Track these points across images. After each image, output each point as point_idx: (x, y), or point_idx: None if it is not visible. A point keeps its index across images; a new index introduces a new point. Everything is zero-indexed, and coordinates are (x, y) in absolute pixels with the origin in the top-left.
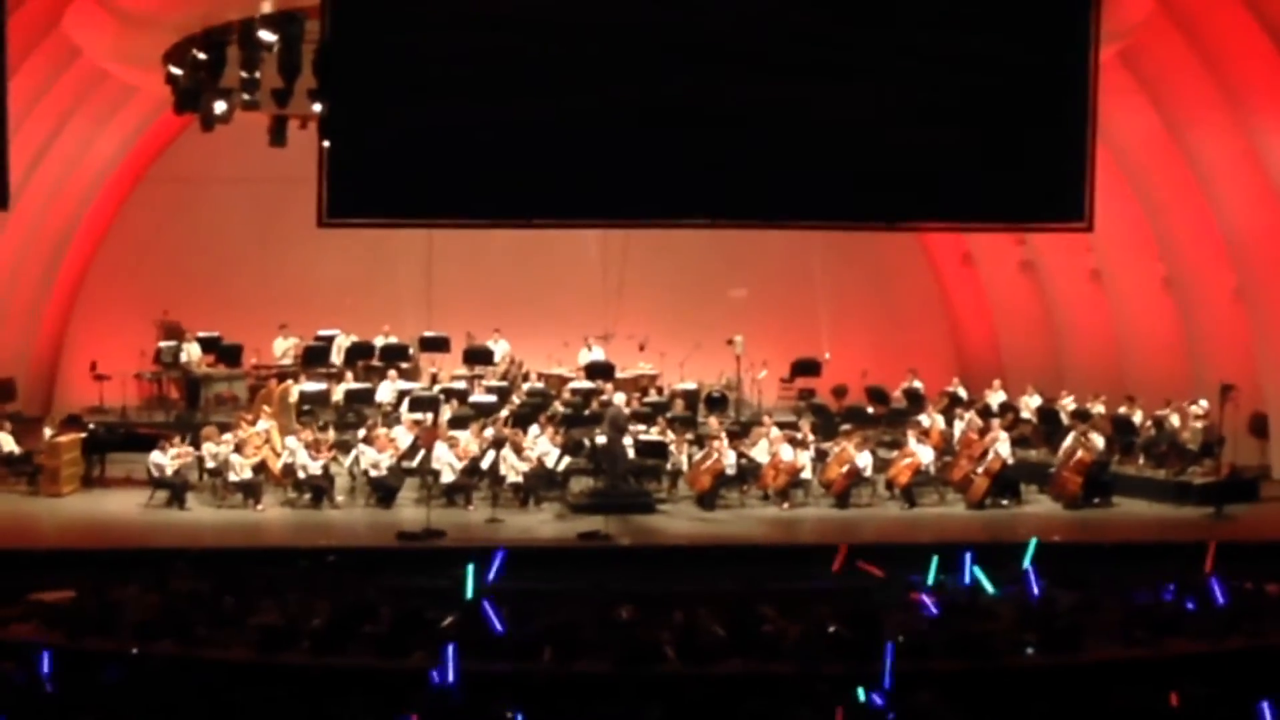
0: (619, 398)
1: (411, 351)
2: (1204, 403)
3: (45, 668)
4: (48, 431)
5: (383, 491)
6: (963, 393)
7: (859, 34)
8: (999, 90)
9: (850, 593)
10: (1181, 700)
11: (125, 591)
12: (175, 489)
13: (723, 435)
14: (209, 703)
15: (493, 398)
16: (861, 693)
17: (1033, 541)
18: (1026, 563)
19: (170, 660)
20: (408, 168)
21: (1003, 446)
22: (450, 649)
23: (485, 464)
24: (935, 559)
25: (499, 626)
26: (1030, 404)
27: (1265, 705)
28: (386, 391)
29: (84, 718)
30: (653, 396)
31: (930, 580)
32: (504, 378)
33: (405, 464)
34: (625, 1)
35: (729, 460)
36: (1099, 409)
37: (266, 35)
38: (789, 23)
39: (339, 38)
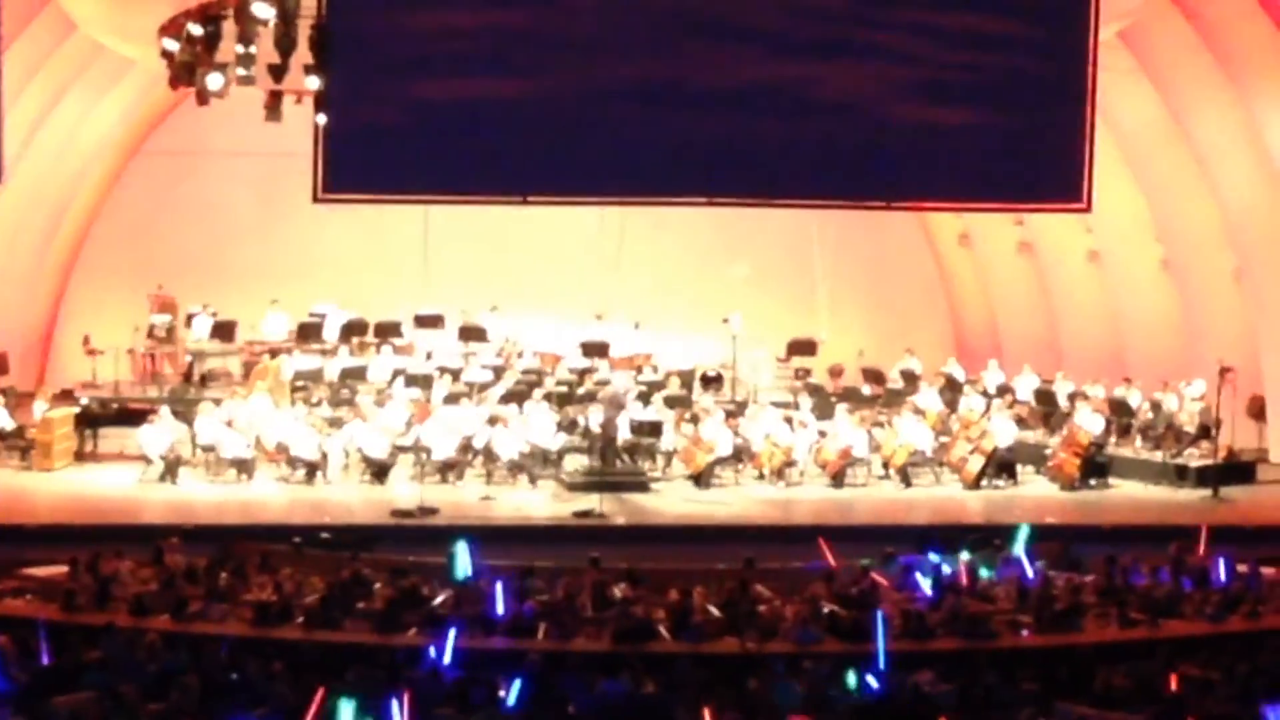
0: (619, 377)
1: (405, 328)
2: (1202, 384)
3: (40, 642)
4: (41, 406)
5: (376, 468)
6: (959, 373)
7: (859, 12)
8: (999, 70)
9: (847, 573)
10: (1179, 682)
11: (119, 566)
12: (168, 464)
13: (718, 414)
14: (203, 677)
15: (488, 374)
16: (852, 679)
17: (1024, 528)
18: (1018, 549)
19: (164, 635)
20: (404, 144)
21: (1000, 427)
22: (450, 634)
23: (479, 441)
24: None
25: (496, 604)
26: (1027, 385)
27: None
28: (381, 368)
29: (78, 691)
30: (648, 375)
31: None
32: (499, 355)
33: (399, 440)
34: None
35: (724, 439)
36: (1096, 389)
37: (262, 10)
38: (793, 15)
39: (336, 13)
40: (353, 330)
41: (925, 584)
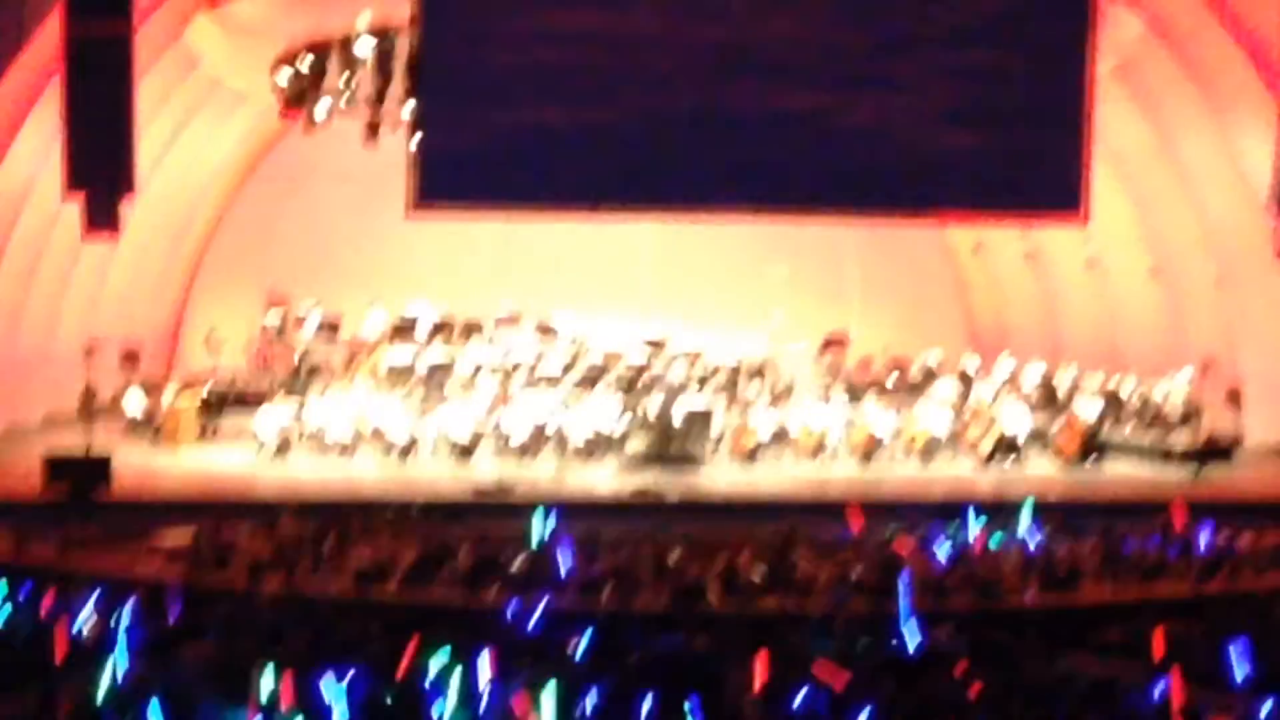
0: (674, 368)
1: (488, 325)
2: (1186, 376)
3: (168, 601)
4: (169, 392)
5: (461, 449)
6: (974, 364)
7: (882, 49)
8: (1009, 99)
9: (874, 541)
10: (1167, 637)
11: (238, 534)
12: (279, 445)
13: (762, 402)
14: (310, 632)
15: (559, 367)
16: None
17: (1029, 501)
18: (1024, 524)
19: (276, 595)
20: (486, 164)
21: (1009, 413)
22: (539, 602)
23: (552, 426)
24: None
25: (567, 568)
26: (1032, 376)
27: (1234, 645)
28: (466, 361)
29: (201, 647)
30: (698, 368)
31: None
32: (570, 349)
33: (482, 425)
34: (682, 18)
35: (766, 424)
36: (1093, 379)
37: (363, 48)
38: (824, 38)
39: (428, 51)
40: (441, 328)
41: (942, 551)
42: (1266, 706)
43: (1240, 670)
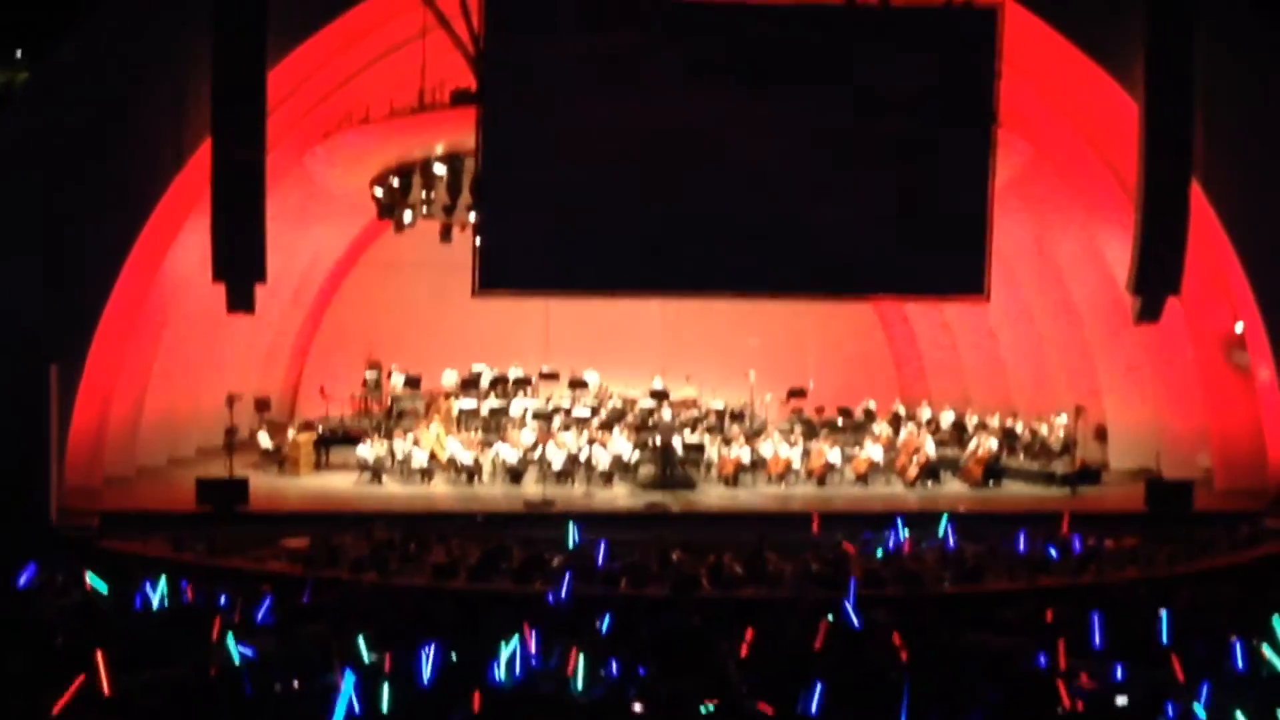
0: (675, 413)
1: (533, 380)
2: (1064, 417)
3: (298, 591)
4: (291, 431)
5: (513, 474)
6: (902, 410)
7: (833, 165)
8: (928, 205)
9: (827, 545)
10: (1051, 617)
11: (343, 539)
12: (375, 471)
13: (741, 438)
14: (399, 614)
15: (588, 411)
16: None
17: (944, 516)
18: (941, 531)
19: (373, 585)
20: (531, 257)
21: (929, 446)
22: (566, 579)
23: (583, 456)
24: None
25: (601, 561)
26: (947, 417)
27: (1099, 623)
28: (517, 407)
29: (315, 626)
30: (693, 412)
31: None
32: (595, 398)
33: (529, 455)
34: (679, 146)
35: (745, 454)
36: (993, 421)
37: (439, 169)
38: (786, 164)
39: (488, 171)
40: (498, 382)
41: (879, 551)
42: (1119, 670)
43: (1103, 641)
